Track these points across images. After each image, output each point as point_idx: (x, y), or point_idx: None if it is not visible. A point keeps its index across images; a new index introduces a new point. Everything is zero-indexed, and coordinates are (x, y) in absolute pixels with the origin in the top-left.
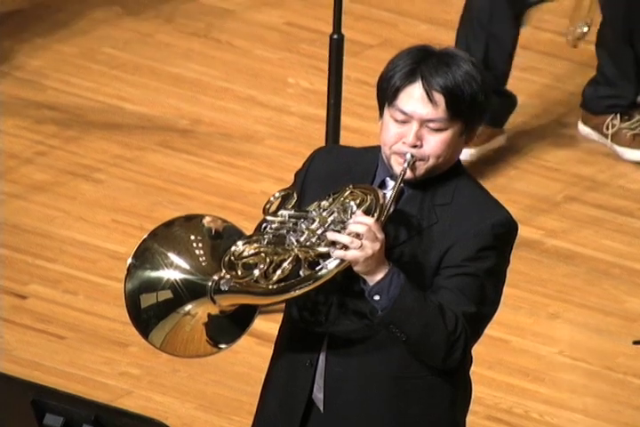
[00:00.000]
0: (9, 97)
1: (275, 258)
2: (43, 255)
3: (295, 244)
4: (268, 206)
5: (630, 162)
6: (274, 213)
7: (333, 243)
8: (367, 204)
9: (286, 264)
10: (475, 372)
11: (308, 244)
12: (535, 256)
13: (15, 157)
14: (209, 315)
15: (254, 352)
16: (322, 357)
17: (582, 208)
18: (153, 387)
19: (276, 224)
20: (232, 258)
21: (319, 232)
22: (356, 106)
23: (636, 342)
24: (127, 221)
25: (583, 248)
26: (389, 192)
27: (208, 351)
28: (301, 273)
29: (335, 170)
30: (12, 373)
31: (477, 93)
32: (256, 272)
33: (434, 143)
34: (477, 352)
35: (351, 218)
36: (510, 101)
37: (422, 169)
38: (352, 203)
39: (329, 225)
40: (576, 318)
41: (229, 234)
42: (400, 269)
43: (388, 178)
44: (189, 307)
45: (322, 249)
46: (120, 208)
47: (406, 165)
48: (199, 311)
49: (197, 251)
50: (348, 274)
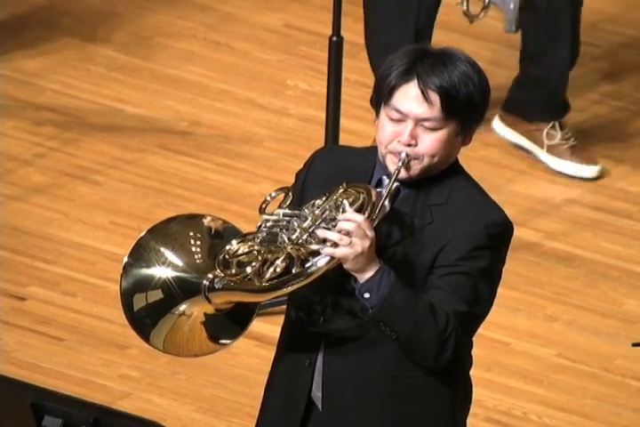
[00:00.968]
0: (8, 99)
1: (268, 256)
2: (41, 257)
3: (287, 242)
4: (264, 206)
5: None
6: (269, 212)
7: (324, 240)
8: (360, 202)
9: (279, 262)
10: (473, 374)
11: (300, 241)
12: (534, 258)
13: (14, 159)
14: (205, 314)
15: (253, 354)
16: (320, 356)
17: (581, 210)
18: (152, 389)
19: (271, 223)
20: (226, 256)
21: (311, 230)
22: (356, 108)
23: (635, 344)
24: (126, 223)
25: (582, 250)
26: (383, 191)
27: (211, 349)
28: (293, 270)
29: (335, 170)
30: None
31: (473, 94)
32: (249, 270)
33: (428, 142)
34: (476, 354)
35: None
36: None
37: (417, 168)
38: (345, 201)
39: (320, 223)
40: (575, 320)
41: (229, 234)
42: (393, 268)
43: (385, 177)
44: (184, 307)
45: (313, 247)
46: (119, 210)
47: (400, 164)
48: (194, 311)
49: (194, 248)
50: (343, 273)
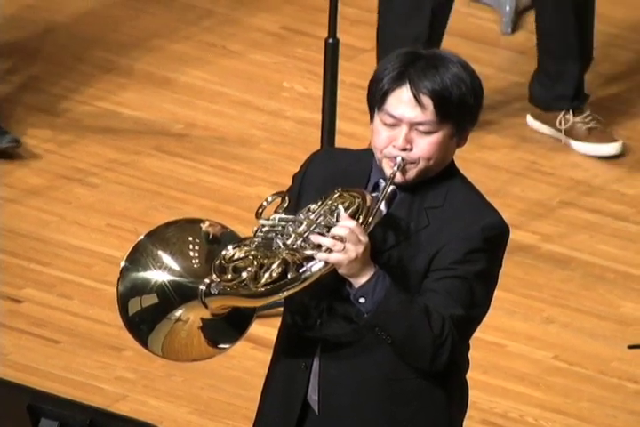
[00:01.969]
0: (4, 101)
1: (264, 261)
2: (38, 259)
3: (282, 247)
4: (261, 211)
5: (586, 155)
6: (266, 217)
7: (319, 246)
8: (354, 207)
9: (275, 267)
10: (470, 376)
11: (295, 247)
12: (530, 261)
13: (10, 162)
14: (202, 319)
15: (249, 357)
16: (316, 360)
17: (577, 213)
18: (148, 391)
19: (267, 228)
20: (222, 261)
21: (306, 235)
22: (352, 110)
23: (631, 347)
24: (122, 225)
25: (578, 253)
26: (379, 195)
27: (210, 353)
28: (289, 276)
29: (332, 173)
30: (8, 377)
31: (466, 96)
32: (244, 275)
33: (424, 146)
34: (472, 357)
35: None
36: None
37: (414, 172)
38: (340, 206)
39: (315, 228)
40: (571, 323)
41: (228, 240)
42: (389, 272)
43: (381, 180)
44: (180, 312)
45: (308, 252)
46: (115, 212)
47: (396, 169)
48: (191, 316)
49: (191, 253)
50: (339, 278)
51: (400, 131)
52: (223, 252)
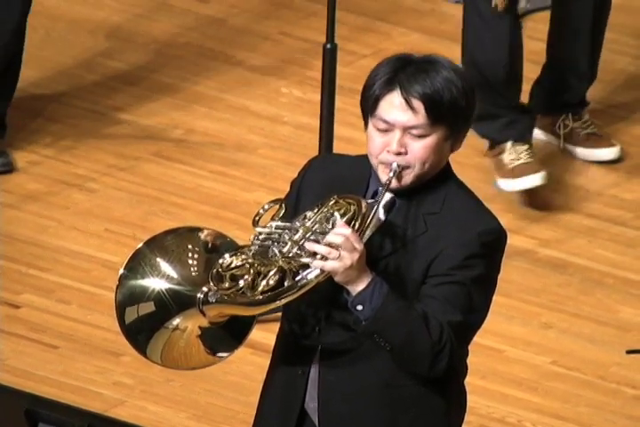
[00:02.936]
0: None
1: (261, 269)
2: (36, 265)
3: (279, 255)
4: (258, 218)
5: (584, 160)
6: (262, 225)
7: (314, 253)
8: (350, 214)
9: (271, 275)
10: (468, 381)
11: (291, 255)
12: (528, 266)
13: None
14: (200, 327)
15: (248, 362)
16: (314, 368)
17: (575, 218)
18: (146, 396)
19: (264, 235)
20: (220, 270)
21: (301, 243)
22: (350, 115)
23: (630, 352)
24: (120, 230)
25: (576, 258)
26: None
27: (210, 361)
28: (285, 283)
29: (330, 179)
30: (6, 382)
31: (457, 98)
32: (242, 283)
33: (418, 150)
34: (470, 362)
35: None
36: None
37: (410, 177)
38: (336, 213)
39: (311, 235)
40: (569, 328)
41: (227, 249)
42: (387, 280)
43: (380, 188)
44: (178, 320)
45: (303, 260)
46: (113, 218)
47: (392, 175)
48: (189, 325)
49: (190, 261)
50: (336, 286)
51: (394, 136)
52: (220, 260)
